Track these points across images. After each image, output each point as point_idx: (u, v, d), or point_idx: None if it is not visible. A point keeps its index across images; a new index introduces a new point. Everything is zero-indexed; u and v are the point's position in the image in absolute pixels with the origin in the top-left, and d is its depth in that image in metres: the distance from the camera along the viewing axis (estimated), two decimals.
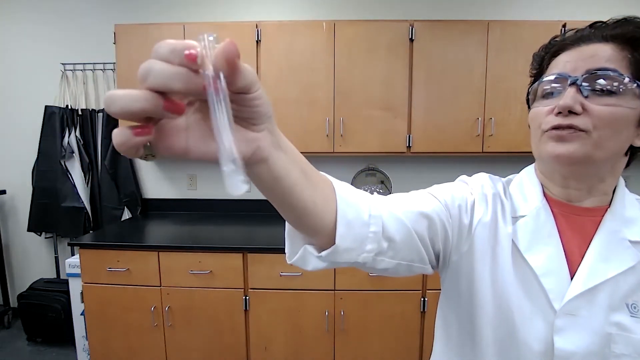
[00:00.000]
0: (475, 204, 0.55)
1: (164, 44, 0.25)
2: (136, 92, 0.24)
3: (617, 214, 0.50)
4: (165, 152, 0.28)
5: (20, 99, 2.47)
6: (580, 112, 0.45)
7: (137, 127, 0.25)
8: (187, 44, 0.24)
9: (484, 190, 0.57)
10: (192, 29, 2.00)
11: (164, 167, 2.49)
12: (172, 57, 0.24)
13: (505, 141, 2.00)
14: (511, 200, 0.56)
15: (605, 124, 0.44)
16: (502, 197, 0.56)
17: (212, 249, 1.74)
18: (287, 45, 1.99)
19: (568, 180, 0.51)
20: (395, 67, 1.98)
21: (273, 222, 2.21)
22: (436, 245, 0.53)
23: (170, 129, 0.27)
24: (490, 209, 0.55)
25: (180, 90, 0.25)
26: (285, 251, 0.45)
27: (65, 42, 2.41)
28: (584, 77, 0.45)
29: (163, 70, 0.24)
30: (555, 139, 0.47)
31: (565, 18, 2.12)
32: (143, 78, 0.25)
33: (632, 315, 0.46)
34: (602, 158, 0.47)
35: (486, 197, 0.56)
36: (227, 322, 1.77)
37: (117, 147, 0.25)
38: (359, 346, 1.76)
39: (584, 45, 0.47)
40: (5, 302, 2.58)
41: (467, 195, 0.56)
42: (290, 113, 2.02)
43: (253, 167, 0.32)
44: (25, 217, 2.45)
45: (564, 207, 0.53)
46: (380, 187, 2.14)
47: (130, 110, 0.24)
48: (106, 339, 1.82)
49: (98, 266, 1.77)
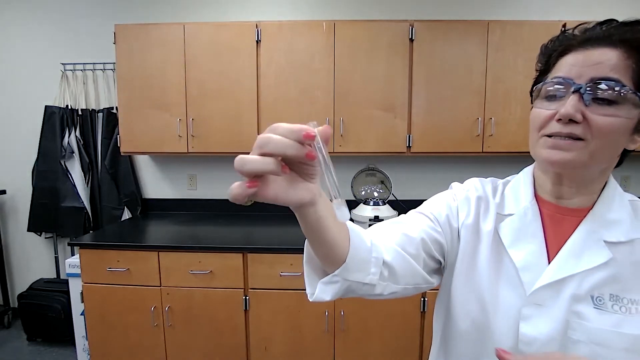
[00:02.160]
0: (459, 208, 0.61)
1: (282, 125, 0.34)
2: (264, 158, 0.33)
3: (597, 215, 0.52)
4: (261, 199, 0.37)
5: (20, 99, 2.47)
6: (581, 120, 0.46)
7: (250, 181, 0.34)
8: (303, 127, 0.34)
9: (467, 194, 0.62)
10: (192, 29, 2.00)
11: (164, 167, 2.49)
12: (288, 134, 0.33)
13: (505, 141, 2.00)
14: (503, 200, 0.60)
15: (603, 134, 0.46)
16: (488, 198, 0.61)
17: (212, 249, 1.74)
18: (287, 45, 1.99)
19: (560, 179, 0.54)
20: (395, 67, 1.98)
21: (273, 222, 2.21)
22: (435, 258, 0.59)
23: (265, 183, 0.36)
24: (473, 210, 0.60)
25: (292, 155, 0.34)
26: (307, 292, 0.50)
27: (65, 42, 2.41)
28: (587, 86, 0.46)
29: (282, 141, 0.33)
30: (552, 146, 0.49)
31: (565, 18, 2.13)
32: (263, 145, 0.33)
33: (595, 307, 0.49)
34: (596, 164, 0.49)
35: (469, 201, 0.61)
36: (227, 322, 1.77)
37: (233, 197, 0.35)
38: (359, 346, 1.76)
39: (592, 49, 0.47)
40: (5, 302, 2.58)
41: (452, 202, 0.62)
42: (290, 113, 2.02)
43: (305, 209, 0.41)
44: (25, 217, 2.45)
45: (551, 208, 0.56)
46: (380, 187, 2.14)
47: (260, 170, 0.33)
48: (106, 339, 1.82)
49: (98, 266, 1.77)
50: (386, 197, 2.08)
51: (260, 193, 0.36)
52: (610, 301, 0.49)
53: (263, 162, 0.33)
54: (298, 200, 0.39)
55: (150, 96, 2.05)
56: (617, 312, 0.48)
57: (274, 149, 0.33)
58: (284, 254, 1.72)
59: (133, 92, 2.05)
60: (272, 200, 0.37)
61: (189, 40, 2.00)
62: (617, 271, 0.49)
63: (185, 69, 2.02)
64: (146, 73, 2.03)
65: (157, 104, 2.05)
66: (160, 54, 2.02)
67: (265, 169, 0.33)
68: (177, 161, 2.48)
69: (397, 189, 2.27)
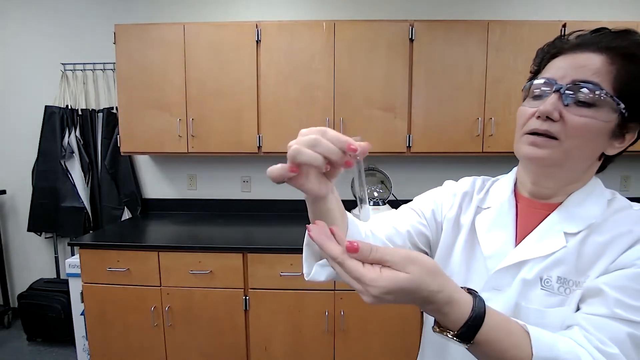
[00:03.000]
0: (443, 203, 0.67)
1: (331, 133, 0.41)
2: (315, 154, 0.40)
3: (564, 210, 0.55)
4: (292, 182, 0.44)
5: (20, 99, 2.47)
6: (557, 119, 0.49)
7: (292, 167, 0.41)
8: (348, 139, 0.40)
9: (454, 190, 0.68)
10: (192, 29, 2.00)
11: (164, 167, 2.49)
12: (335, 142, 0.40)
13: (505, 141, 2.00)
14: (486, 195, 0.64)
15: (577, 133, 0.48)
16: (473, 194, 0.66)
17: (212, 249, 1.74)
18: (287, 45, 1.99)
19: (539, 177, 0.56)
20: (395, 67, 1.98)
21: (273, 222, 2.21)
22: (420, 249, 0.65)
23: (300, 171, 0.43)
24: (456, 205, 0.65)
25: (334, 160, 0.40)
26: (304, 272, 0.54)
27: (65, 42, 2.41)
28: (567, 87, 0.48)
29: (329, 146, 0.40)
30: (530, 143, 0.52)
31: (565, 18, 2.12)
32: (313, 145, 0.40)
33: (542, 287, 0.52)
34: (570, 164, 0.52)
35: (455, 196, 0.67)
36: (227, 322, 1.77)
37: (273, 177, 0.42)
38: (359, 346, 1.76)
39: (579, 53, 0.49)
40: (5, 302, 2.58)
41: (438, 197, 0.68)
42: (290, 113, 2.02)
43: (320, 200, 0.48)
44: (25, 217, 2.45)
45: (527, 202, 0.59)
46: (380, 187, 2.14)
47: (309, 162, 0.40)
48: (106, 339, 1.82)
49: (98, 266, 1.77)
50: (386, 197, 2.08)
51: (294, 178, 0.43)
52: (557, 283, 0.51)
53: (315, 158, 0.39)
54: (317, 192, 0.46)
55: (150, 96, 2.05)
56: (562, 293, 0.51)
57: (322, 151, 0.39)
58: (284, 254, 1.72)
59: (133, 92, 2.05)
60: (299, 186, 0.44)
61: (189, 40, 2.00)
62: (565, 256, 0.52)
63: (185, 69, 2.02)
64: (146, 73, 2.03)
65: (157, 104, 2.05)
66: (160, 54, 2.02)
67: (314, 163, 0.40)
68: (177, 161, 2.48)
69: (397, 189, 2.27)
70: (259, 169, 2.46)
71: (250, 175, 2.47)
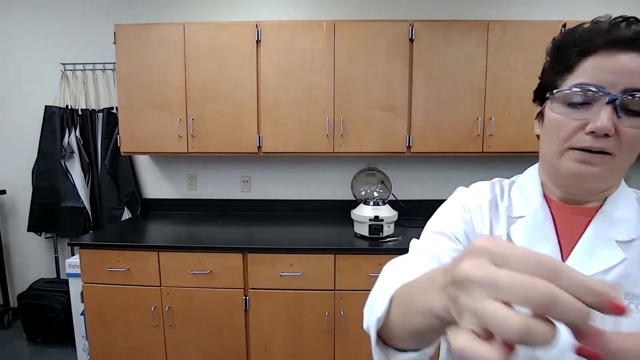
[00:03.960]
0: (473, 219, 0.58)
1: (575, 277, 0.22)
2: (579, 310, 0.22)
3: (605, 214, 0.51)
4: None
5: (20, 99, 2.47)
6: (613, 134, 0.44)
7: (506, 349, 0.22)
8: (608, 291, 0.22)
9: (478, 200, 0.59)
10: (192, 29, 2.00)
11: (164, 167, 2.49)
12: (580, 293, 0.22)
13: (505, 141, 2.00)
14: (510, 201, 0.58)
15: (630, 146, 0.45)
16: (497, 202, 0.58)
17: (212, 249, 1.74)
18: (287, 45, 1.99)
19: (576, 189, 0.51)
20: (395, 67, 1.98)
21: (273, 222, 2.21)
22: None
23: None
24: (486, 217, 0.57)
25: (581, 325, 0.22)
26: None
27: (65, 42, 2.41)
28: (623, 97, 0.43)
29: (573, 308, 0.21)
30: (582, 161, 0.46)
31: (565, 18, 2.12)
32: (548, 306, 0.21)
33: None
34: (618, 175, 0.49)
35: (481, 207, 0.58)
36: (227, 322, 1.77)
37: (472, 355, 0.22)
38: (359, 346, 1.76)
39: (619, 54, 0.43)
40: (5, 302, 2.58)
41: (464, 213, 0.59)
42: (290, 113, 2.02)
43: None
44: (25, 217, 2.45)
45: (561, 208, 0.54)
46: (380, 187, 2.14)
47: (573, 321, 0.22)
48: (106, 339, 1.82)
49: (98, 266, 1.77)
50: (386, 197, 2.08)
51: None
52: (626, 300, 0.46)
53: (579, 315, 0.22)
54: None
55: (150, 96, 2.05)
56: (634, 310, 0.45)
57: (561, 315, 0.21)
58: (284, 254, 1.72)
59: (133, 92, 2.05)
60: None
61: (189, 40, 2.00)
62: (629, 269, 0.47)
63: (185, 69, 2.02)
64: (146, 73, 2.03)
65: (157, 104, 2.05)
66: (160, 54, 2.02)
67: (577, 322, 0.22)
68: (177, 161, 2.48)
69: (397, 189, 2.27)
70: (259, 169, 2.46)
71: (250, 175, 2.47)
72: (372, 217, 1.81)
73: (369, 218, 1.81)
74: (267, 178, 2.46)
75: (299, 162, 2.42)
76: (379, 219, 1.80)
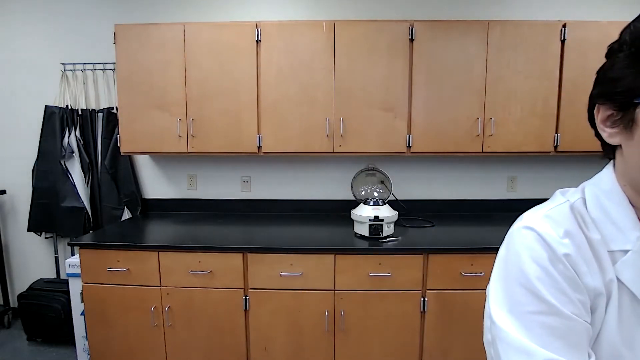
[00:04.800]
0: (580, 275, 0.45)
1: None
2: None
3: None
4: None
5: (20, 99, 2.47)
6: None
7: None
8: None
9: (570, 249, 0.45)
10: (192, 29, 2.00)
11: (164, 167, 2.49)
12: None
13: (505, 141, 1.99)
14: (598, 229, 0.46)
15: None
16: (587, 234, 0.46)
17: (212, 249, 1.74)
18: (287, 45, 1.99)
19: None
20: (396, 67, 1.98)
21: (273, 222, 2.21)
22: None
23: None
24: (593, 263, 0.45)
25: None
26: None
27: (65, 42, 2.41)
28: None
29: None
30: None
31: (565, 18, 2.13)
32: None
33: None
34: None
35: (581, 253, 0.45)
36: (227, 322, 1.77)
37: None
38: (359, 346, 1.76)
39: None
40: (5, 302, 2.58)
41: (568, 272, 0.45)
42: (290, 113, 2.02)
43: None
44: (25, 217, 2.45)
45: None
46: (380, 187, 2.14)
47: None
48: (106, 339, 1.82)
49: (98, 266, 1.77)
50: (386, 197, 2.08)
51: None
52: None
53: None
54: None
55: (150, 96, 2.05)
56: None
57: None
58: (284, 254, 1.72)
59: (133, 92, 2.05)
60: None
61: (189, 40, 2.00)
62: None
63: (185, 69, 2.02)
64: (146, 73, 2.03)
65: (157, 104, 2.05)
66: (160, 54, 2.02)
67: None
68: (177, 161, 2.48)
69: (397, 189, 2.27)
70: (259, 169, 2.46)
71: (250, 175, 2.47)
72: (372, 217, 1.81)
73: (369, 218, 1.81)
74: (267, 178, 2.46)
75: (299, 162, 2.42)
76: (379, 219, 1.81)
